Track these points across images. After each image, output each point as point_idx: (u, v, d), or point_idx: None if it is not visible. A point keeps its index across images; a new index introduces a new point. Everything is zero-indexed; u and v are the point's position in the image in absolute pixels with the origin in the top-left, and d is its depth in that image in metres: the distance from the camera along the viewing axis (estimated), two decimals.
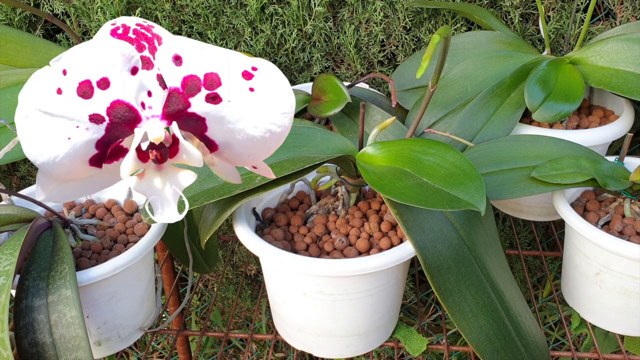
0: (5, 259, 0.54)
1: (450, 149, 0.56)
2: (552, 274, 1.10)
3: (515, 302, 0.60)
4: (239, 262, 1.21)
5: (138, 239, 0.65)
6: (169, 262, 0.94)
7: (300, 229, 0.67)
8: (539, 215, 0.83)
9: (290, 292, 0.62)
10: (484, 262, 0.59)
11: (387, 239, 0.63)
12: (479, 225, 0.60)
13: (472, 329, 0.57)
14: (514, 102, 0.75)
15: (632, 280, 0.62)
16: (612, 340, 0.97)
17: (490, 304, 0.58)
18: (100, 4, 0.91)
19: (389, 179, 0.54)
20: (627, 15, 0.90)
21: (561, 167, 0.64)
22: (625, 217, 0.66)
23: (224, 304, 1.29)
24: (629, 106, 0.80)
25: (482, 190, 0.52)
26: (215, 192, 0.58)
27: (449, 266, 0.56)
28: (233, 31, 0.95)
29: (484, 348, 0.57)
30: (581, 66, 0.76)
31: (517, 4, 0.90)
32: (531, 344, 0.60)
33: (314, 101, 0.78)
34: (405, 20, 0.92)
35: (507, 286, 0.60)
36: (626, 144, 0.67)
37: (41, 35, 0.98)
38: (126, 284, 0.62)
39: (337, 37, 0.95)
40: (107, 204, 0.72)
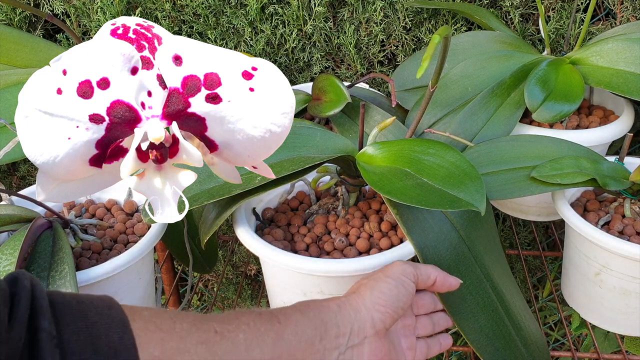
0: (5, 259, 0.54)
1: (450, 149, 0.56)
2: (552, 274, 1.10)
3: (515, 302, 0.60)
4: (239, 262, 1.21)
5: (138, 239, 0.65)
6: (169, 262, 0.94)
7: (300, 229, 0.67)
8: (539, 215, 0.83)
9: (290, 292, 0.62)
10: (484, 262, 0.59)
11: (387, 239, 0.63)
12: (479, 226, 0.60)
13: (472, 329, 0.56)
14: (514, 102, 0.75)
15: (632, 280, 0.62)
16: (612, 340, 0.97)
17: (490, 304, 0.58)
18: (100, 4, 0.91)
19: (389, 179, 0.54)
20: (627, 15, 0.90)
21: (561, 167, 0.64)
22: (625, 217, 0.66)
23: (224, 304, 1.29)
24: (629, 106, 0.80)
25: (482, 190, 0.52)
26: (215, 192, 0.58)
27: (448, 266, 0.56)
28: (233, 31, 0.95)
29: (484, 348, 0.57)
30: (581, 66, 0.76)
31: (517, 4, 0.90)
32: (531, 343, 0.60)
33: (314, 101, 0.78)
34: (405, 20, 0.92)
35: (507, 286, 0.60)
36: (626, 144, 0.67)
37: (41, 35, 0.98)
38: (126, 284, 0.62)
39: (337, 37, 0.95)
40: (107, 204, 0.72)
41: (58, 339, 0.31)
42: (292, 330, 0.44)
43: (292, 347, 0.43)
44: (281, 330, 0.43)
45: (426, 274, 0.52)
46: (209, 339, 0.39)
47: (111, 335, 0.33)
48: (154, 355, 0.35)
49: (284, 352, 0.42)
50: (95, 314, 0.34)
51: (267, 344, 0.42)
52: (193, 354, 0.37)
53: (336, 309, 0.47)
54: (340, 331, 0.46)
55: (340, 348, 0.46)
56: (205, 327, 0.39)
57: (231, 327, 0.41)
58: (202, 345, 0.38)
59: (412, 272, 0.52)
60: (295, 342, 0.43)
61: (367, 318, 0.48)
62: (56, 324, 0.32)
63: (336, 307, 0.48)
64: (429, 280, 0.53)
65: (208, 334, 0.39)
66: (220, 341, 0.39)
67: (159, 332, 0.36)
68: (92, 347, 0.32)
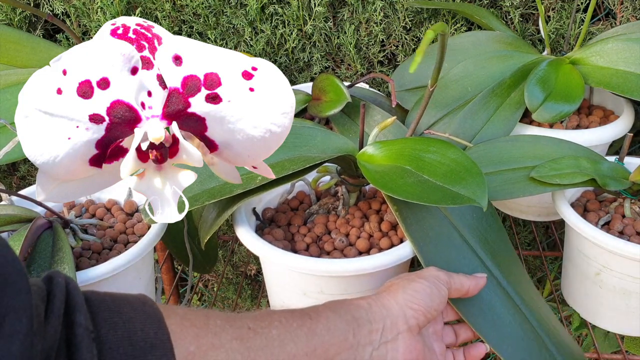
0: None
1: (451, 147, 0.56)
2: (552, 274, 1.10)
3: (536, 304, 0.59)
4: (239, 262, 1.21)
5: (138, 239, 0.65)
6: (169, 262, 0.94)
7: (301, 229, 0.67)
8: (539, 215, 0.83)
9: (291, 292, 0.62)
10: (495, 261, 0.58)
11: (387, 239, 0.63)
12: (482, 222, 0.60)
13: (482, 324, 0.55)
14: (514, 102, 0.75)
15: (632, 280, 0.62)
16: (612, 340, 0.97)
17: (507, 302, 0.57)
18: (100, 4, 0.91)
19: (390, 177, 0.55)
20: (627, 15, 0.90)
21: (561, 168, 0.64)
22: (625, 217, 0.66)
23: (224, 304, 1.29)
24: (629, 106, 0.80)
25: (483, 186, 0.52)
26: (215, 192, 0.58)
27: (448, 263, 0.56)
28: (233, 31, 0.95)
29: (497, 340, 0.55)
30: (581, 66, 0.76)
31: (517, 4, 0.90)
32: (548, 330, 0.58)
33: (314, 101, 0.78)
34: (405, 20, 0.92)
35: (523, 287, 0.59)
36: (626, 144, 0.67)
37: (41, 35, 0.98)
38: (126, 284, 0.62)
39: (337, 37, 0.95)
40: (107, 204, 0.72)
41: (95, 334, 0.32)
42: (325, 326, 0.44)
43: (325, 342, 0.43)
44: (313, 325, 0.43)
45: (459, 282, 0.52)
46: (243, 335, 0.39)
47: (147, 331, 0.33)
48: (189, 351, 0.35)
49: (317, 347, 0.42)
50: (131, 310, 0.34)
51: (300, 339, 0.42)
52: (228, 349, 0.38)
53: (367, 306, 0.47)
54: (373, 327, 0.46)
55: (373, 344, 0.46)
56: (239, 324, 0.40)
57: (264, 323, 0.41)
58: (237, 341, 0.38)
59: (445, 279, 0.51)
60: (328, 337, 0.43)
61: (399, 314, 0.48)
62: (92, 319, 0.32)
63: (366, 304, 0.48)
64: (462, 289, 0.52)
65: (242, 330, 0.39)
66: (254, 337, 0.40)
67: (193, 328, 0.37)
68: (129, 341, 0.32)
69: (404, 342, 0.47)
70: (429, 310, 0.49)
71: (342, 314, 0.45)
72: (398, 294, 0.49)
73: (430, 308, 0.49)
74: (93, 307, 0.33)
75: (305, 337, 0.42)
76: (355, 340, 0.45)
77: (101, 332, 0.32)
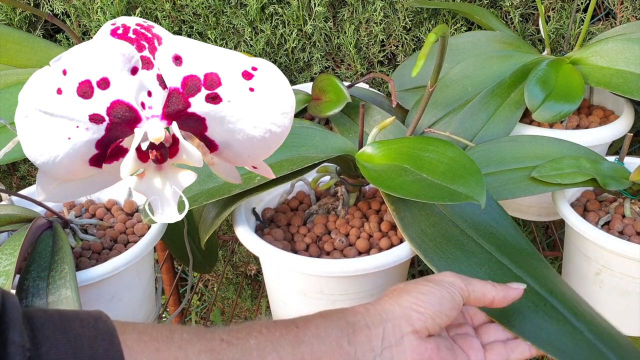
0: (5, 259, 0.54)
1: (450, 145, 0.56)
2: None
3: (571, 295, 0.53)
4: (239, 262, 1.21)
5: (138, 239, 0.65)
6: (169, 262, 0.94)
7: (300, 229, 0.67)
8: (539, 215, 0.83)
9: (291, 292, 0.62)
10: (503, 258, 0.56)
11: (387, 239, 0.63)
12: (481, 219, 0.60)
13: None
14: (514, 102, 0.75)
15: (632, 280, 0.62)
16: None
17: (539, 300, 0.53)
18: (100, 4, 0.91)
19: (388, 175, 0.55)
20: (627, 15, 0.90)
21: (561, 167, 0.64)
22: (625, 217, 0.66)
23: (224, 304, 1.29)
24: (629, 106, 0.80)
25: (481, 183, 0.52)
26: (215, 192, 0.58)
27: (449, 262, 0.56)
28: (233, 31, 0.95)
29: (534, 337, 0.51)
30: (581, 66, 0.76)
31: (517, 4, 0.90)
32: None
33: (314, 101, 0.78)
34: (405, 20, 0.92)
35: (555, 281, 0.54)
36: (626, 144, 0.67)
37: (41, 35, 0.98)
38: (126, 284, 0.62)
39: (337, 37, 0.95)
40: (107, 204, 0.72)
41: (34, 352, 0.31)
42: (313, 333, 0.40)
43: (315, 350, 0.40)
44: (300, 333, 0.40)
45: (481, 292, 0.47)
46: (214, 347, 0.37)
47: (96, 348, 0.32)
48: None
49: (305, 355, 0.39)
50: (79, 327, 0.33)
51: (284, 348, 0.39)
52: None
53: (363, 311, 0.44)
54: (372, 332, 0.42)
55: (375, 350, 0.42)
56: (209, 337, 0.37)
57: (241, 334, 0.38)
58: (205, 354, 0.36)
59: (461, 286, 0.46)
60: (317, 344, 0.40)
61: (402, 315, 0.44)
62: (33, 337, 0.31)
63: (363, 309, 0.44)
64: (484, 298, 0.47)
65: (212, 342, 0.37)
66: (227, 348, 0.37)
67: (153, 343, 0.35)
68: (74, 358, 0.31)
69: (410, 344, 0.43)
70: (438, 314, 0.44)
71: (334, 320, 0.42)
72: (402, 297, 0.45)
73: (439, 312, 0.44)
74: (35, 324, 0.32)
75: (290, 345, 0.39)
76: (351, 347, 0.41)
77: (41, 350, 0.31)
